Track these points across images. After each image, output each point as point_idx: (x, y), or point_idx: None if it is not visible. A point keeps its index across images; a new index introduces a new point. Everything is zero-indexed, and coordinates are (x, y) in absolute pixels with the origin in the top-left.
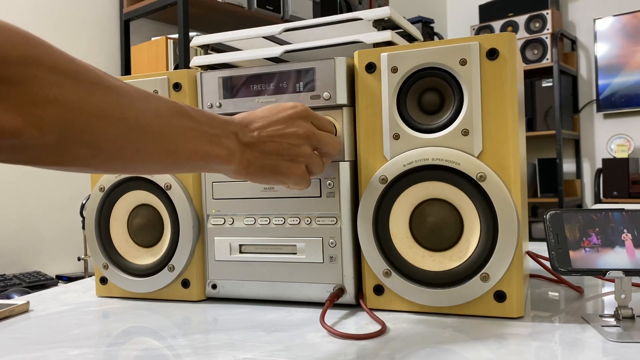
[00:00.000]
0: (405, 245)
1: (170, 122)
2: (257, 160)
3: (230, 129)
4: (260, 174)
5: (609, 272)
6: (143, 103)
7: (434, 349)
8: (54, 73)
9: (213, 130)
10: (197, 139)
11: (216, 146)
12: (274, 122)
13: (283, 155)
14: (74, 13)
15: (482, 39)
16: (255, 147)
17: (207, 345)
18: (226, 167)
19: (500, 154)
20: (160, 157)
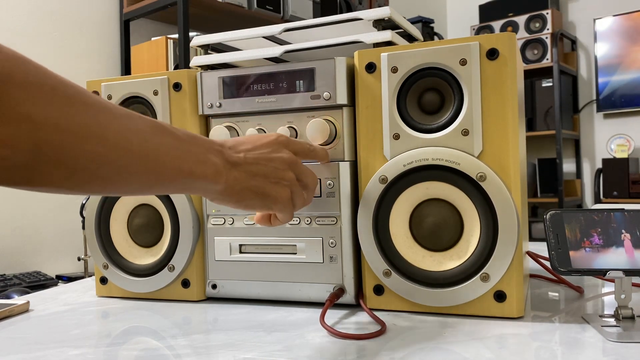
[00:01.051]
0: (406, 245)
1: (153, 140)
2: (243, 181)
3: (214, 147)
4: (247, 195)
5: (609, 272)
6: (123, 120)
7: (433, 349)
8: (27, 88)
9: (197, 148)
10: (181, 157)
11: (202, 164)
12: (259, 147)
13: (269, 177)
14: (74, 13)
15: (482, 39)
16: (242, 168)
17: (207, 345)
18: (212, 186)
19: (500, 154)
20: (142, 177)
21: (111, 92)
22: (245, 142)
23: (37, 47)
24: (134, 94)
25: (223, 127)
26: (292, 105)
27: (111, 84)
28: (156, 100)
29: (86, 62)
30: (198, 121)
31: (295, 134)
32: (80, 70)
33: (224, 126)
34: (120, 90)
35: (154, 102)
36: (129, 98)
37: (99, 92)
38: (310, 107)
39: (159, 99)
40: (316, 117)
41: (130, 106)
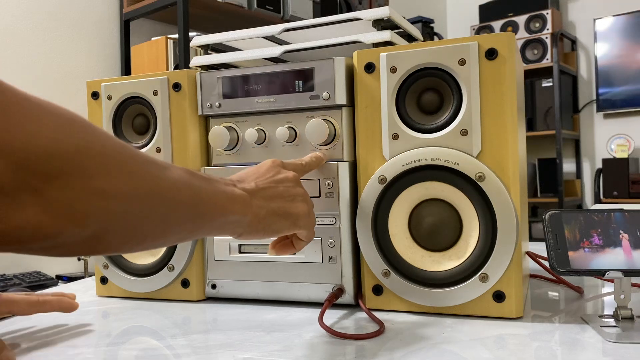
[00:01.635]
0: (404, 245)
1: (193, 186)
2: (265, 206)
3: (231, 182)
4: (272, 219)
5: (608, 273)
6: (167, 172)
7: (432, 349)
8: (102, 161)
9: (222, 185)
10: (216, 196)
11: (231, 199)
12: (263, 173)
13: (285, 197)
14: (74, 13)
15: (481, 39)
16: (259, 194)
17: (207, 345)
18: (242, 218)
19: (499, 154)
20: (188, 225)
21: (111, 93)
22: (250, 173)
23: (37, 47)
24: (134, 94)
25: (222, 128)
26: (291, 105)
27: (111, 84)
28: (156, 101)
29: (86, 62)
30: (197, 121)
31: (294, 134)
32: (80, 70)
33: (224, 126)
34: (120, 91)
35: (154, 102)
36: (129, 98)
37: (99, 92)
38: (309, 107)
39: (158, 99)
40: (315, 117)
41: (130, 106)
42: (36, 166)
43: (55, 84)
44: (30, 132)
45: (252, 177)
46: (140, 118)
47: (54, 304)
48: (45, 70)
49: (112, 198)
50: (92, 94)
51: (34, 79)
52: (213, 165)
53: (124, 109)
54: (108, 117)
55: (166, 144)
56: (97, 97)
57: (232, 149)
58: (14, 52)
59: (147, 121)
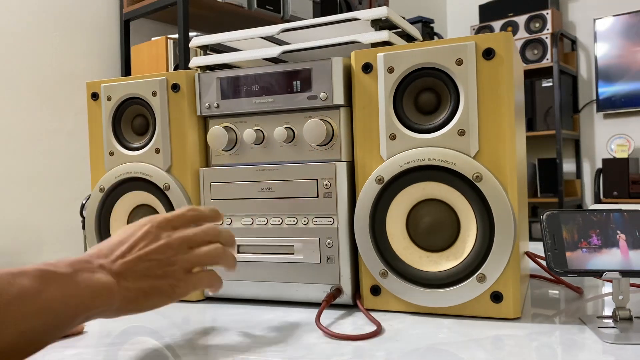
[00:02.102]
0: (402, 245)
1: (44, 295)
2: (134, 287)
3: (97, 264)
4: (144, 299)
5: (606, 273)
6: (11, 290)
7: (429, 350)
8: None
9: (84, 276)
10: (74, 298)
11: (94, 293)
12: (135, 243)
13: (155, 272)
14: (74, 13)
15: (478, 39)
16: (127, 274)
17: (205, 345)
18: (108, 308)
19: (496, 154)
20: (46, 338)
21: (110, 93)
22: (118, 244)
23: (37, 47)
24: (133, 95)
25: (221, 128)
26: (289, 105)
27: (110, 85)
28: (155, 101)
29: (86, 62)
30: (196, 122)
31: (292, 135)
32: (80, 70)
33: (222, 127)
34: (119, 92)
35: (153, 103)
36: (128, 99)
37: (99, 92)
38: (307, 108)
39: (157, 99)
40: (313, 118)
41: (130, 107)
42: None
43: (55, 84)
44: None
45: (122, 249)
46: (140, 119)
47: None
48: (45, 70)
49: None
50: (91, 94)
51: (34, 79)
52: (212, 166)
53: (124, 109)
54: (107, 117)
55: (165, 144)
56: (97, 98)
57: (230, 149)
58: (14, 52)
59: (146, 122)
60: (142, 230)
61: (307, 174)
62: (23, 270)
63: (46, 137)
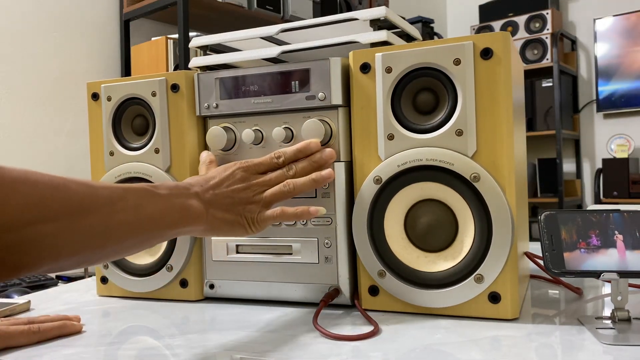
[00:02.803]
0: (400, 245)
1: (146, 209)
2: (220, 216)
3: (192, 191)
4: (226, 228)
5: (604, 274)
6: (120, 204)
7: (426, 350)
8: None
9: (179, 199)
10: (169, 214)
11: (186, 214)
12: (223, 181)
13: (238, 208)
14: (74, 13)
15: (476, 39)
16: (214, 205)
17: (204, 345)
18: (197, 227)
19: (494, 155)
20: (139, 245)
21: (110, 94)
22: (213, 177)
23: (37, 47)
24: (133, 95)
25: (220, 128)
26: (287, 105)
27: (110, 85)
28: (154, 102)
29: (86, 62)
30: (195, 122)
31: (291, 135)
32: (80, 70)
33: (221, 127)
34: (119, 92)
35: (152, 103)
36: (128, 99)
37: (99, 92)
38: (305, 108)
39: (157, 100)
40: (312, 118)
41: (129, 107)
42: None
43: (55, 84)
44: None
45: (214, 182)
46: (140, 119)
47: (54, 331)
48: (45, 71)
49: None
50: (92, 95)
51: (34, 79)
52: None
53: (123, 110)
54: (107, 118)
55: (164, 144)
56: (97, 98)
57: (229, 149)
58: (14, 52)
59: (146, 122)
60: (231, 170)
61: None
62: (131, 187)
63: (46, 137)
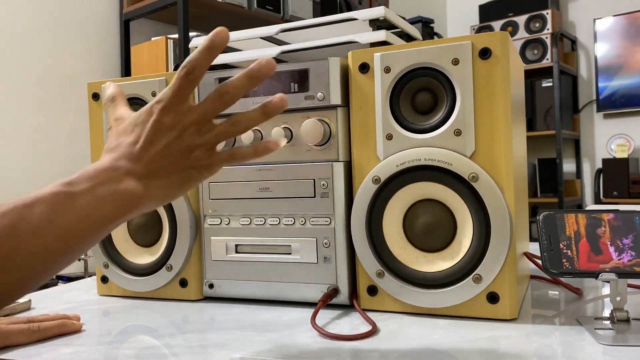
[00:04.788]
0: (399, 245)
1: (65, 221)
2: (166, 182)
3: (121, 170)
4: (176, 190)
5: (602, 275)
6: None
7: (422, 350)
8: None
9: (106, 187)
10: (98, 212)
11: (120, 202)
12: (149, 139)
13: (181, 163)
14: (74, 13)
15: (474, 39)
16: (155, 173)
17: (203, 345)
18: (138, 210)
19: (492, 154)
20: (73, 253)
21: None
22: (136, 139)
23: (37, 47)
24: (133, 96)
25: None
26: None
27: None
28: None
29: (86, 62)
30: None
31: (290, 135)
32: (80, 70)
33: None
34: None
35: None
36: (128, 100)
37: (99, 92)
38: (304, 108)
39: None
40: (311, 118)
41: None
42: None
43: (55, 84)
44: None
45: (140, 148)
46: None
47: (54, 330)
48: (45, 71)
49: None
50: (92, 95)
51: (34, 79)
52: None
53: None
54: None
55: None
56: (98, 98)
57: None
58: (14, 52)
59: None
60: (153, 118)
61: (304, 174)
62: (38, 198)
63: (46, 137)
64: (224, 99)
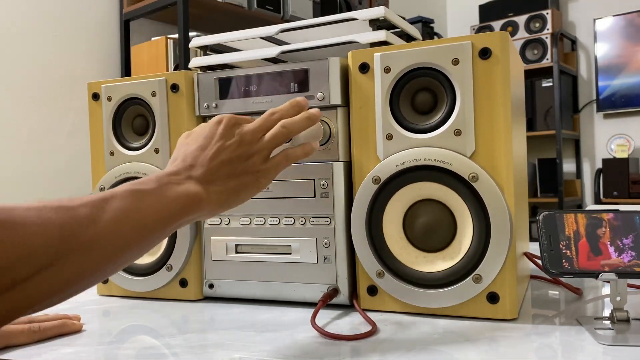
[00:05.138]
0: (399, 245)
1: (137, 215)
2: (223, 190)
3: (182, 176)
4: (235, 197)
5: (602, 274)
6: (104, 217)
7: (424, 351)
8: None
9: (171, 188)
10: (164, 211)
11: (183, 203)
12: (213, 149)
13: (240, 169)
14: (74, 13)
15: (474, 39)
16: (213, 181)
17: (202, 345)
18: (201, 212)
19: (492, 154)
20: (140, 250)
21: (111, 94)
22: (201, 149)
23: (37, 47)
24: (133, 96)
25: None
26: None
27: (110, 85)
28: (154, 102)
29: (86, 62)
30: (195, 122)
31: None
32: (80, 71)
33: None
34: (120, 92)
35: (152, 103)
36: (128, 99)
37: (99, 93)
38: None
39: (157, 100)
40: None
41: (130, 107)
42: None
43: (55, 84)
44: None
45: (206, 154)
46: (140, 119)
47: (54, 330)
48: (45, 71)
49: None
50: (92, 95)
51: (34, 79)
52: None
53: (124, 110)
54: (108, 118)
55: (164, 144)
56: (98, 98)
57: None
58: (14, 52)
59: (146, 122)
60: (217, 131)
61: (304, 174)
62: (113, 194)
63: (46, 137)
64: (272, 119)
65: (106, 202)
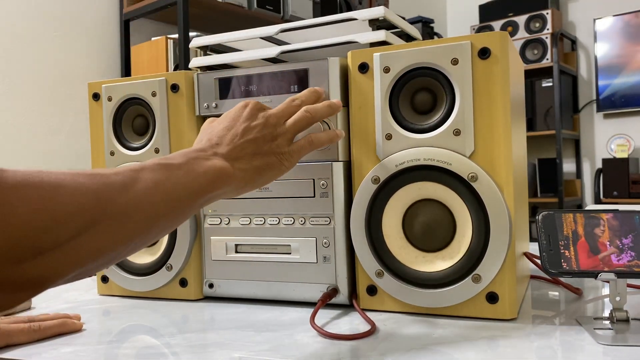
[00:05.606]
0: (398, 245)
1: (167, 184)
2: (248, 168)
3: (209, 152)
4: (259, 177)
5: (601, 274)
6: (137, 186)
7: (423, 350)
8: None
9: (199, 163)
10: (192, 183)
11: (213, 178)
12: (240, 128)
13: (265, 148)
14: (74, 13)
15: (473, 39)
16: (239, 158)
17: (202, 344)
18: (226, 189)
19: (492, 154)
20: (169, 223)
21: (111, 94)
22: (227, 129)
23: (37, 47)
24: (133, 96)
25: None
26: None
27: (111, 85)
28: (154, 102)
29: (86, 62)
30: (195, 122)
31: None
32: (80, 70)
33: None
34: (120, 92)
35: (152, 103)
36: (128, 99)
37: (100, 93)
38: None
39: (157, 100)
40: None
41: (130, 107)
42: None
43: (55, 84)
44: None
45: (233, 133)
46: (140, 119)
47: (54, 329)
48: (45, 70)
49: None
50: (93, 95)
51: (34, 79)
52: None
53: (124, 110)
54: (108, 118)
55: (164, 144)
56: (98, 98)
57: None
58: (14, 52)
59: (146, 122)
60: (243, 113)
61: (304, 173)
62: (143, 166)
63: (46, 137)
64: (294, 105)
65: (137, 172)
